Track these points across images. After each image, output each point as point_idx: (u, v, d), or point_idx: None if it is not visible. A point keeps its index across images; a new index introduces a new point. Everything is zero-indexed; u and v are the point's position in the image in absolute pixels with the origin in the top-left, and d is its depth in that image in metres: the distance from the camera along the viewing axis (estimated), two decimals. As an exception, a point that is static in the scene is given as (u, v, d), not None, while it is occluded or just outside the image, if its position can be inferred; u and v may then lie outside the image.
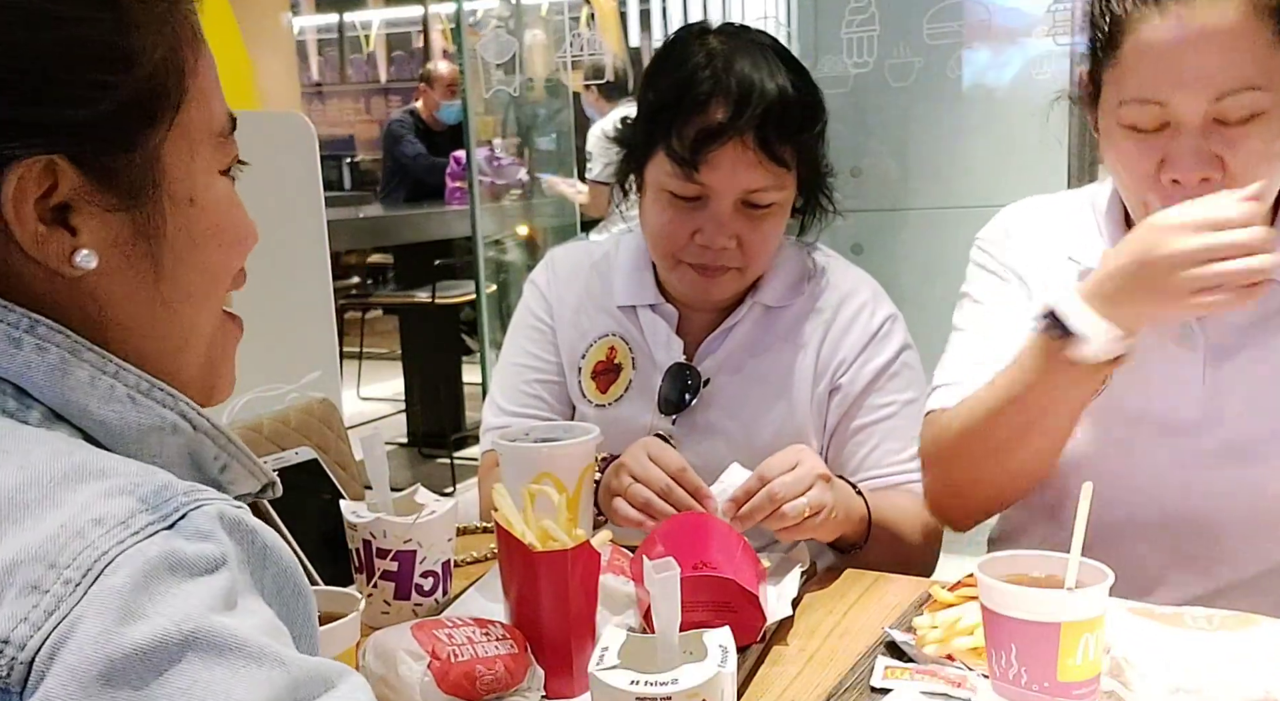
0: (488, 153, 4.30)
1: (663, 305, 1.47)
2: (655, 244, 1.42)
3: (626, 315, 1.48)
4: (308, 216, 2.46)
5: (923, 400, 1.35)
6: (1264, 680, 0.87)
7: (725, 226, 1.34)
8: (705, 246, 1.36)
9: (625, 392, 1.46)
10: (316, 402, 1.42)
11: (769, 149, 1.31)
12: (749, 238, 1.36)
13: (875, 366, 1.42)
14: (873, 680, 0.97)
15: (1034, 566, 0.90)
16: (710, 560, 1.04)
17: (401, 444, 5.00)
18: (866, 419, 1.42)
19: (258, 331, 0.78)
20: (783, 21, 3.35)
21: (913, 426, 1.36)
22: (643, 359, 1.46)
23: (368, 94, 9.43)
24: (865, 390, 1.42)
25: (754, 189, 1.33)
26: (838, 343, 1.43)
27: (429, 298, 4.68)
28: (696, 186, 1.33)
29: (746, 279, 1.42)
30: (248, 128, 0.74)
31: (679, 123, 1.32)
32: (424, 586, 1.15)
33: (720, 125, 1.30)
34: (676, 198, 1.35)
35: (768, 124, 1.30)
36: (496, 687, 0.93)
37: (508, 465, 1.24)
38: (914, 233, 3.08)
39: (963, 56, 2.90)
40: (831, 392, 1.43)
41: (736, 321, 1.45)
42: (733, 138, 1.30)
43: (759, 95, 1.30)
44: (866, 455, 1.41)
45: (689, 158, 1.31)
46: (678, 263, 1.39)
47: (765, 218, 1.36)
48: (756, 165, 1.32)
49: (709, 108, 1.31)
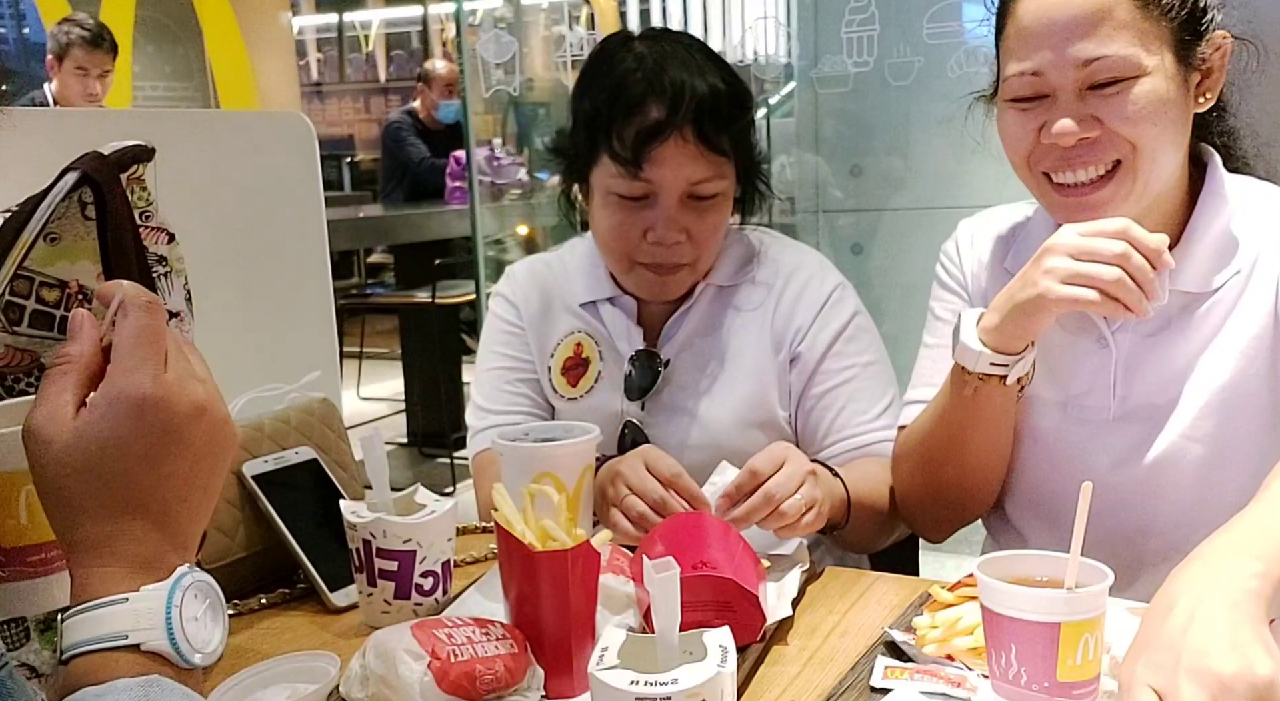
0: (488, 153, 4.30)
1: (621, 297, 1.52)
2: (608, 248, 1.46)
3: (588, 311, 1.53)
4: (307, 216, 2.46)
5: (882, 363, 1.49)
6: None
7: (675, 220, 1.39)
8: (658, 243, 1.40)
9: (595, 384, 1.51)
10: (316, 402, 1.42)
11: (708, 140, 1.37)
12: (697, 229, 1.41)
13: (832, 331, 1.47)
14: (873, 680, 0.97)
15: (1034, 566, 0.90)
16: (710, 560, 1.04)
17: (401, 444, 5.00)
18: (830, 383, 1.46)
19: (258, 331, 0.78)
20: (782, 21, 3.35)
21: (874, 387, 1.46)
22: (608, 351, 1.52)
23: (367, 94, 9.43)
24: (825, 355, 1.47)
25: (698, 180, 1.38)
26: (790, 312, 1.48)
27: (429, 298, 4.68)
28: (643, 185, 1.38)
29: (698, 272, 1.48)
30: (247, 128, 0.74)
31: (618, 126, 1.37)
32: (424, 586, 1.15)
33: (659, 123, 1.35)
34: (624, 199, 1.40)
35: (704, 117, 1.36)
36: (496, 687, 0.93)
37: (508, 465, 1.24)
38: (914, 232, 3.08)
39: (962, 56, 2.90)
40: (792, 361, 1.48)
41: (692, 305, 1.50)
42: (672, 133, 1.35)
43: (692, 91, 1.36)
44: (834, 419, 1.46)
45: (632, 157, 1.36)
46: (633, 265, 1.44)
47: (711, 208, 1.42)
48: (698, 157, 1.37)
49: (645, 108, 1.36)
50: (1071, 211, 1.18)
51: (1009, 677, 0.86)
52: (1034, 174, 1.20)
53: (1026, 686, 0.85)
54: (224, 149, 2.20)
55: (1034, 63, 1.15)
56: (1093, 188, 1.16)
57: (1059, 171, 1.18)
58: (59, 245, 1.04)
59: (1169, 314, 1.21)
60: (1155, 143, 1.14)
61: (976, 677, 0.94)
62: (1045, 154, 1.18)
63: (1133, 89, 1.13)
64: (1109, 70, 1.12)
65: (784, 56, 3.43)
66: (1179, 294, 1.19)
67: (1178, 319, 1.21)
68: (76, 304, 1.05)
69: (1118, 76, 1.12)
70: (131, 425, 0.66)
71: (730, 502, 1.19)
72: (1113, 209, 1.15)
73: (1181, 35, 1.15)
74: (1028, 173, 1.21)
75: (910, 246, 3.09)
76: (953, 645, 0.97)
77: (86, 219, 1.05)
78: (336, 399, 2.20)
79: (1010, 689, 0.86)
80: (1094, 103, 1.14)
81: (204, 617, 0.67)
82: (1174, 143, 1.16)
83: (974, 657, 0.96)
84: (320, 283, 2.50)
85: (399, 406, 5.24)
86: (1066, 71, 1.14)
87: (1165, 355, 1.22)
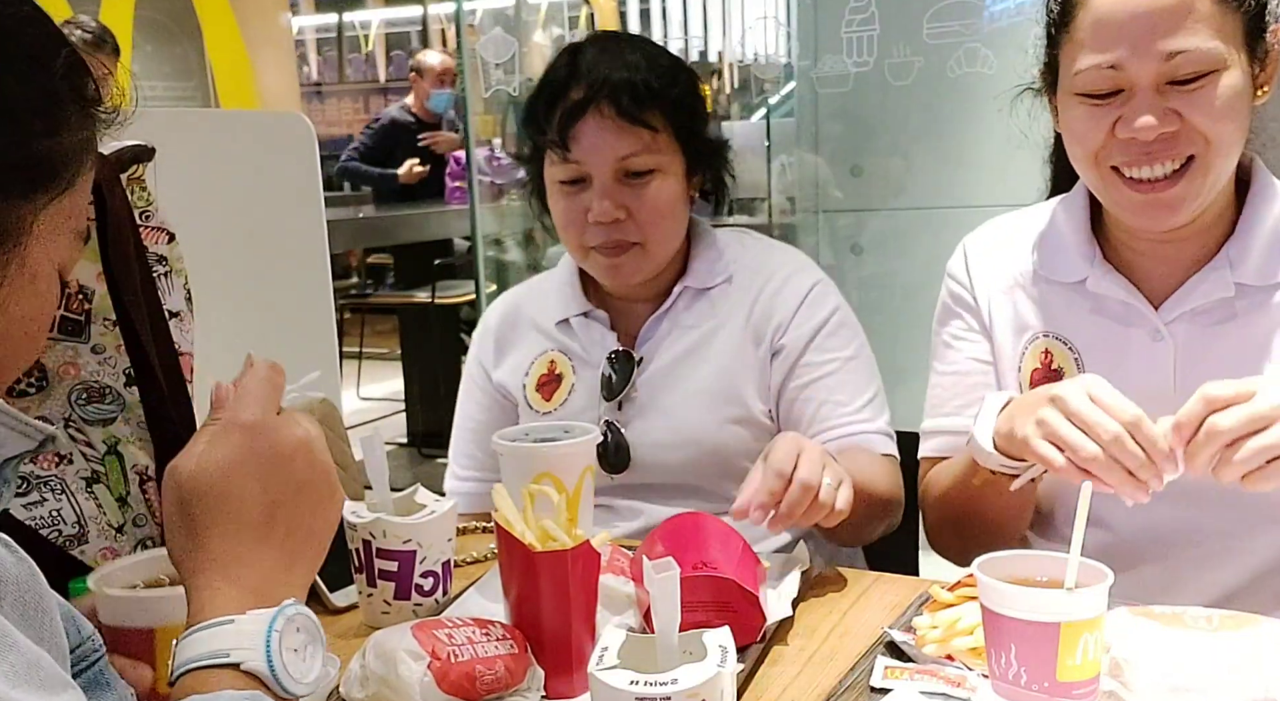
0: (488, 152, 4.30)
1: (594, 311, 1.53)
2: (564, 237, 1.49)
3: (562, 329, 1.55)
4: (307, 216, 2.46)
5: (863, 357, 1.48)
6: (1264, 680, 0.87)
7: (610, 196, 1.41)
8: (598, 222, 1.42)
9: (569, 396, 1.52)
10: (316, 402, 1.42)
11: (628, 113, 1.39)
12: (637, 206, 1.42)
13: (813, 325, 1.48)
14: (872, 680, 0.97)
15: (1034, 566, 0.90)
16: (710, 560, 1.04)
17: (401, 444, 5.00)
18: (812, 376, 1.46)
19: (258, 331, 0.78)
20: (782, 21, 3.35)
21: (857, 380, 1.46)
22: (581, 365, 1.52)
23: (367, 94, 9.43)
24: (806, 348, 1.47)
25: (625, 155, 1.41)
26: (770, 307, 1.49)
27: (429, 298, 4.68)
28: (574, 166, 1.42)
29: (652, 256, 1.47)
30: (247, 128, 0.75)
31: (546, 113, 1.43)
32: (424, 586, 1.15)
33: (578, 102, 1.40)
34: (565, 185, 1.44)
35: (621, 92, 1.39)
36: (496, 687, 0.93)
37: (507, 465, 1.24)
38: (914, 232, 3.08)
39: (962, 56, 2.90)
40: (774, 355, 1.48)
41: (668, 307, 1.51)
42: (591, 109, 1.39)
43: (609, 69, 1.41)
44: (815, 411, 1.46)
45: (559, 139, 1.41)
46: (587, 251, 1.46)
47: (648, 184, 1.42)
48: (620, 131, 1.40)
49: (568, 92, 1.41)
50: (1142, 209, 1.15)
51: (1009, 677, 0.86)
52: (1101, 169, 1.17)
53: (1026, 686, 0.85)
54: (224, 149, 2.20)
55: (1113, 56, 1.11)
56: (1166, 184, 1.13)
57: (1132, 167, 1.14)
58: (59, 245, 1.04)
59: (1229, 307, 1.19)
60: (1230, 138, 1.12)
61: (976, 677, 0.94)
62: (1118, 149, 1.14)
63: (1214, 84, 1.10)
64: (1192, 64, 1.09)
65: (784, 56, 3.43)
66: (1238, 287, 1.18)
67: (1238, 312, 1.19)
68: (77, 303, 1.05)
69: (1200, 71, 1.10)
70: (245, 447, 0.73)
71: (769, 505, 1.14)
72: (1184, 207, 1.13)
73: (1251, 27, 1.13)
74: (1093, 167, 1.18)
75: (910, 247, 3.09)
76: (953, 645, 0.97)
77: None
78: (336, 399, 2.20)
79: (1010, 689, 0.86)
80: (1174, 98, 1.10)
81: (304, 651, 0.71)
82: (1243, 138, 1.15)
83: (974, 657, 0.96)
84: (320, 283, 2.50)
85: (399, 406, 5.24)
86: (1148, 65, 1.10)
87: (1225, 349, 1.18)
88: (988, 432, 1.13)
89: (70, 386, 1.04)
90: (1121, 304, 1.23)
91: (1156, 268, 1.23)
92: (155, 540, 1.07)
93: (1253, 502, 1.16)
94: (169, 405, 1.07)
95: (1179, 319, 1.20)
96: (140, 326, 1.06)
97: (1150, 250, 1.23)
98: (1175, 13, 1.09)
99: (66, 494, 1.01)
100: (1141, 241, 1.23)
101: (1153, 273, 1.23)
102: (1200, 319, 1.20)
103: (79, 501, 1.02)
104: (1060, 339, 1.27)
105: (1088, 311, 1.25)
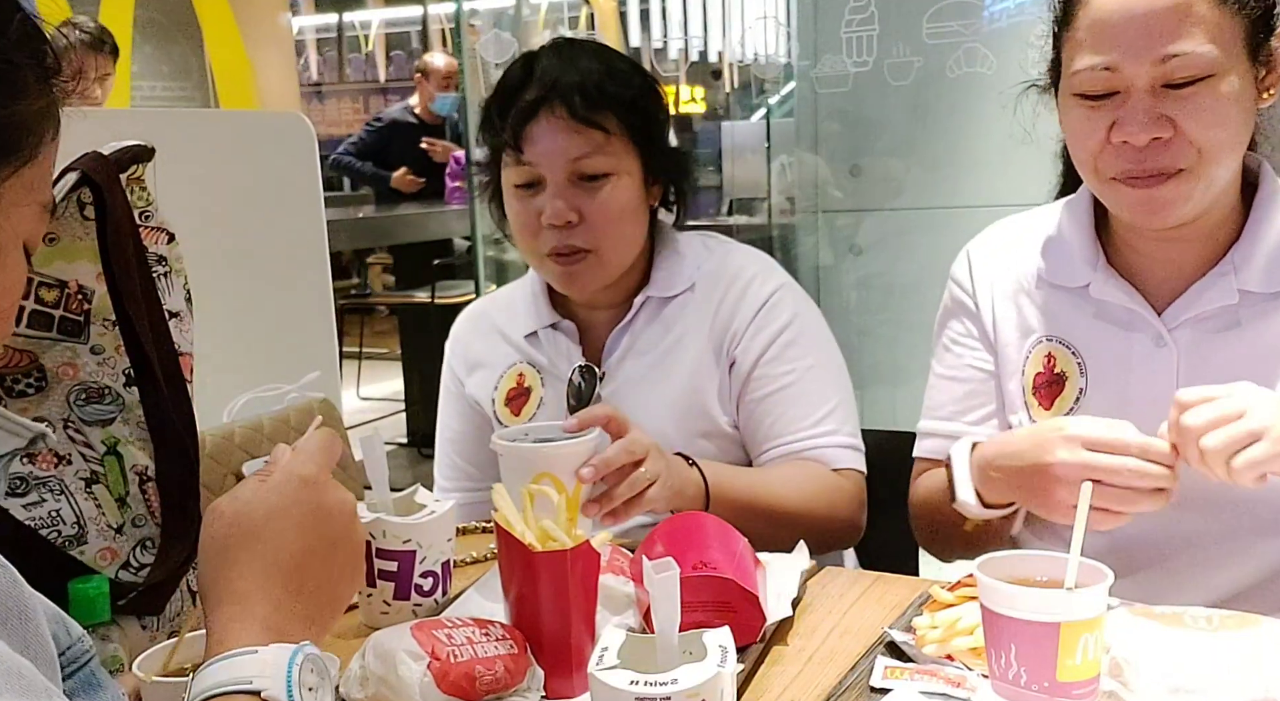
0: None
1: (562, 322, 1.53)
2: (520, 242, 1.48)
3: (530, 342, 1.54)
4: (307, 216, 2.46)
5: (826, 365, 1.46)
6: (1265, 680, 0.87)
7: (563, 198, 1.40)
8: (551, 225, 1.41)
9: (538, 410, 1.51)
10: (316, 403, 1.42)
11: (579, 115, 1.39)
12: (590, 210, 1.41)
13: (768, 335, 1.46)
14: (872, 680, 0.97)
15: (1034, 566, 0.90)
16: (710, 560, 1.04)
17: (401, 444, 5.00)
18: (769, 388, 1.45)
19: (258, 331, 0.79)
20: (782, 21, 3.35)
21: (816, 390, 1.44)
22: (550, 378, 1.52)
23: (367, 94, 9.43)
24: (761, 360, 1.45)
25: (577, 156, 1.40)
26: (730, 316, 1.47)
27: (429, 298, 4.68)
28: (528, 169, 1.41)
29: (606, 263, 1.45)
30: (247, 128, 0.75)
31: (501, 117, 1.43)
32: (424, 586, 1.15)
33: (530, 103, 1.40)
34: (520, 188, 1.43)
35: (573, 94, 1.39)
36: (496, 688, 0.93)
37: (507, 465, 1.24)
38: (914, 233, 3.08)
39: (962, 56, 2.90)
40: (731, 366, 1.47)
41: (631, 318, 1.50)
42: (543, 110, 1.39)
43: (562, 72, 1.41)
44: (772, 424, 1.44)
45: (513, 140, 1.41)
46: (542, 258, 1.45)
47: (601, 188, 1.41)
48: (572, 132, 1.39)
49: (522, 94, 1.41)
50: (1138, 205, 1.14)
51: (1009, 677, 0.86)
52: (1101, 179, 1.17)
53: (1026, 686, 0.85)
54: (224, 149, 2.20)
55: (1108, 57, 1.11)
56: (1159, 180, 1.12)
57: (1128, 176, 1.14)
58: (57, 245, 1.04)
59: (1234, 313, 1.18)
60: (1225, 144, 1.11)
61: (976, 677, 0.94)
62: (1114, 159, 1.14)
63: (1208, 90, 1.09)
64: (1187, 68, 1.09)
65: (784, 56, 3.43)
66: (1242, 294, 1.17)
67: (1243, 320, 1.18)
68: (76, 304, 1.05)
69: (1195, 75, 1.09)
70: (293, 496, 0.77)
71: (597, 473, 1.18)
72: (1177, 206, 1.13)
73: (1255, 30, 1.12)
74: (1094, 174, 1.18)
75: (910, 247, 3.08)
76: (953, 645, 0.97)
77: (85, 219, 1.05)
78: (336, 399, 2.20)
79: (1010, 689, 0.86)
80: (1168, 103, 1.10)
81: (318, 690, 0.72)
82: (1240, 143, 1.14)
83: (974, 657, 0.96)
84: (320, 283, 2.50)
85: (399, 406, 5.24)
86: (1143, 67, 1.10)
87: (1229, 356, 1.18)
88: (968, 489, 1.18)
89: (69, 387, 1.04)
90: (1125, 309, 1.22)
91: (1161, 271, 1.22)
92: (154, 540, 1.06)
93: (1252, 508, 1.16)
94: (169, 406, 1.07)
95: (1183, 325, 1.20)
96: (140, 327, 1.05)
97: (1154, 253, 1.22)
98: (1172, 16, 1.09)
99: (65, 494, 1.01)
100: (1145, 243, 1.22)
101: (1157, 276, 1.23)
102: (1204, 325, 1.19)
103: (78, 502, 1.02)
104: (1064, 343, 1.26)
105: (1091, 316, 1.25)
